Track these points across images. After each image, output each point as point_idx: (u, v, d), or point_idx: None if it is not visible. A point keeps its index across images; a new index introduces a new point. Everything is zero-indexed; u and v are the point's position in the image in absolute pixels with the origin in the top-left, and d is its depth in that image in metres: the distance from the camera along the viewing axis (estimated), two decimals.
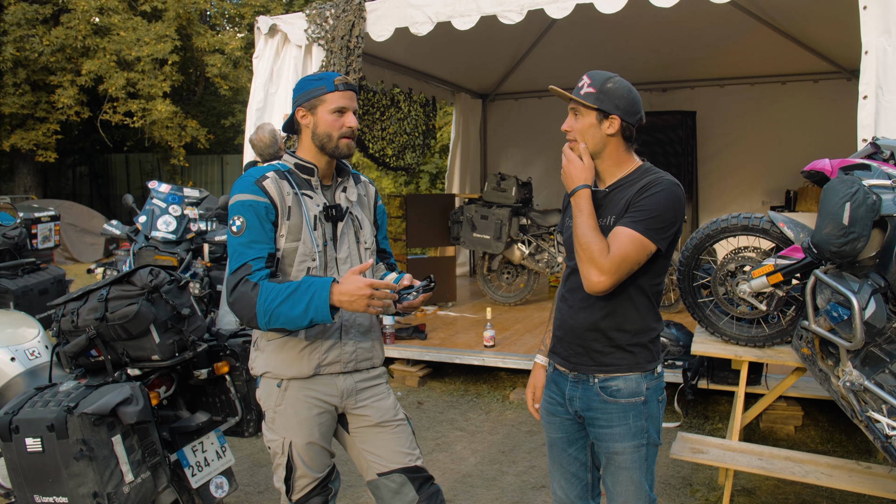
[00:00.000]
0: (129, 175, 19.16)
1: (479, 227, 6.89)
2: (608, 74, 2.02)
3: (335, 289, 1.96)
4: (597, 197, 2.07)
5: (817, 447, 4.10)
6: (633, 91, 2.02)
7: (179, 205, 5.03)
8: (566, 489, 2.25)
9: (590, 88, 1.99)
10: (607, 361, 2.07)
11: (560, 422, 2.21)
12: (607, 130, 2.00)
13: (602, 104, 1.98)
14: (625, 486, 2.08)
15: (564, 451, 2.23)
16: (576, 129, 2.03)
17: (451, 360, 5.37)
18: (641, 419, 2.07)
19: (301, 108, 2.15)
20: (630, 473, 2.07)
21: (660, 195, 1.96)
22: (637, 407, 2.06)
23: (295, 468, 2.18)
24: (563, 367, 2.16)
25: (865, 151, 3.02)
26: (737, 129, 8.36)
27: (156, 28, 13.48)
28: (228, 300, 2.06)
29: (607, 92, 1.98)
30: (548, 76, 8.79)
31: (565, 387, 2.16)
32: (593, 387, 2.09)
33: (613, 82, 2.00)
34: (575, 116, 2.04)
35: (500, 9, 4.82)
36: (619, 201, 2.01)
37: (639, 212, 1.95)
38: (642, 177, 2.03)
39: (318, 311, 1.96)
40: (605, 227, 2.02)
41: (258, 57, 5.75)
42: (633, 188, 2.01)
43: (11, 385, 2.79)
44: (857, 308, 2.43)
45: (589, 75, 2.03)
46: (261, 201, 2.07)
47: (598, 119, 2.00)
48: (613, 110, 1.98)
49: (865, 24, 3.94)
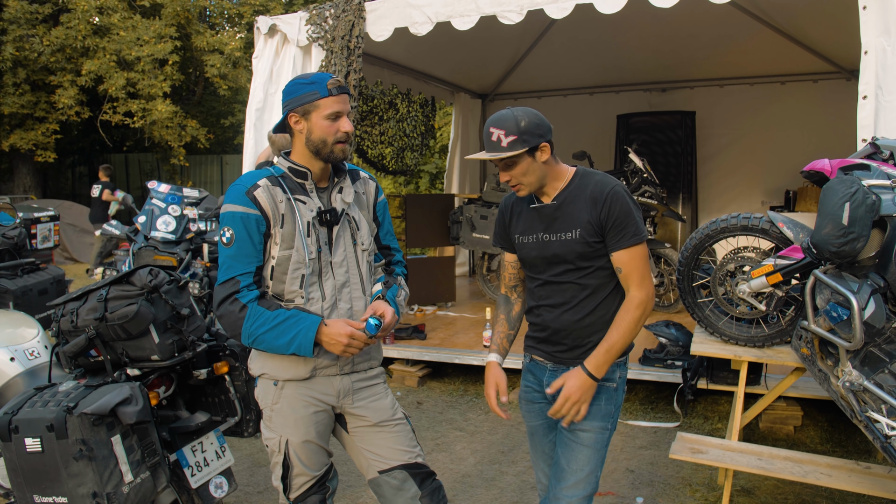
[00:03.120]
0: (129, 175, 19.17)
1: (478, 227, 6.89)
2: (510, 114, 2.05)
3: (321, 329, 2.05)
4: (548, 210, 2.17)
5: (817, 447, 4.10)
6: (536, 111, 2.10)
7: (179, 205, 5.03)
8: (550, 476, 2.31)
9: (509, 137, 2.03)
10: (587, 352, 2.16)
11: (539, 408, 2.30)
12: (541, 159, 2.09)
13: (529, 143, 2.04)
14: (581, 464, 2.16)
15: (545, 437, 2.32)
16: (515, 175, 2.10)
17: (450, 360, 5.37)
18: (611, 404, 2.19)
19: (294, 114, 2.12)
20: (589, 453, 2.16)
21: (623, 204, 2.07)
22: (609, 391, 2.18)
23: (292, 466, 2.19)
24: (545, 360, 2.25)
25: (865, 151, 3.02)
26: (736, 129, 8.36)
27: (155, 27, 13.47)
28: (215, 312, 2.09)
29: (526, 130, 2.03)
30: (547, 76, 8.83)
31: (543, 375, 2.26)
32: (569, 370, 2.18)
33: (522, 118, 2.04)
34: (508, 166, 2.08)
35: (499, 9, 4.81)
36: (577, 215, 2.11)
37: (622, 228, 2.07)
38: (585, 183, 2.13)
39: (301, 347, 2.05)
40: (571, 240, 2.12)
41: (258, 57, 5.75)
42: (584, 197, 2.11)
43: (11, 385, 2.79)
44: (857, 308, 2.43)
45: (495, 125, 2.05)
46: (251, 213, 2.06)
47: (531, 157, 2.07)
48: (539, 140, 2.05)
49: (865, 24, 3.94)
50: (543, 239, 2.18)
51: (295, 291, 2.12)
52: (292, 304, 2.13)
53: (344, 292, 2.18)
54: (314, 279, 2.13)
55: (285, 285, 2.12)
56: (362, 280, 2.23)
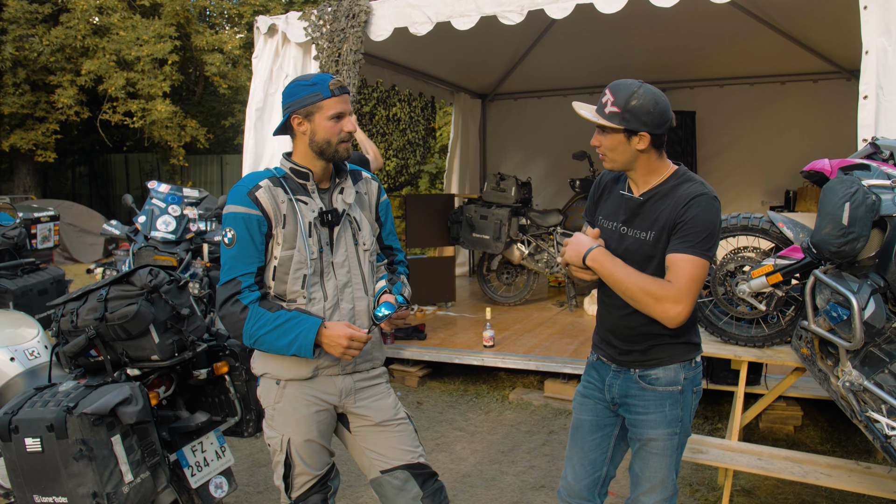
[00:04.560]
0: (129, 175, 19.16)
1: (478, 227, 6.88)
2: (631, 88, 1.94)
3: (321, 331, 2.06)
4: (633, 204, 2.07)
5: (817, 447, 4.10)
6: (661, 100, 1.95)
7: (179, 205, 5.03)
8: (579, 475, 2.28)
9: (613, 107, 1.94)
10: (650, 356, 2.12)
11: (593, 405, 2.26)
12: (637, 146, 1.97)
13: (628, 123, 1.93)
14: (654, 471, 2.14)
15: (590, 435, 2.26)
16: (605, 145, 2.02)
17: (450, 360, 5.37)
18: (677, 408, 2.11)
19: (297, 116, 2.12)
20: (661, 460, 2.13)
21: (705, 213, 1.93)
22: (674, 395, 2.11)
23: (293, 465, 2.19)
24: (609, 361, 2.21)
25: (865, 151, 3.01)
26: (736, 129, 8.36)
27: (154, 26, 13.47)
28: (218, 312, 2.10)
29: (632, 110, 1.92)
30: (547, 76, 8.84)
31: (606, 374, 2.22)
32: (633, 375, 2.15)
33: (637, 97, 1.92)
34: (602, 132, 2.01)
35: (500, 9, 4.81)
36: (659, 215, 2.00)
37: (691, 234, 1.93)
38: (678, 186, 2.01)
39: (302, 349, 2.05)
40: (644, 241, 2.02)
41: (257, 57, 5.74)
42: (671, 200, 1.99)
43: (11, 385, 2.79)
44: (857, 308, 2.43)
45: (612, 89, 1.96)
46: (253, 214, 2.08)
47: (626, 136, 1.96)
48: (641, 127, 1.93)
49: (866, 24, 3.94)
50: (621, 231, 2.09)
51: (297, 291, 2.12)
52: (294, 304, 2.13)
53: (346, 292, 2.19)
54: (316, 279, 2.14)
55: (287, 285, 2.12)
56: (364, 280, 2.24)
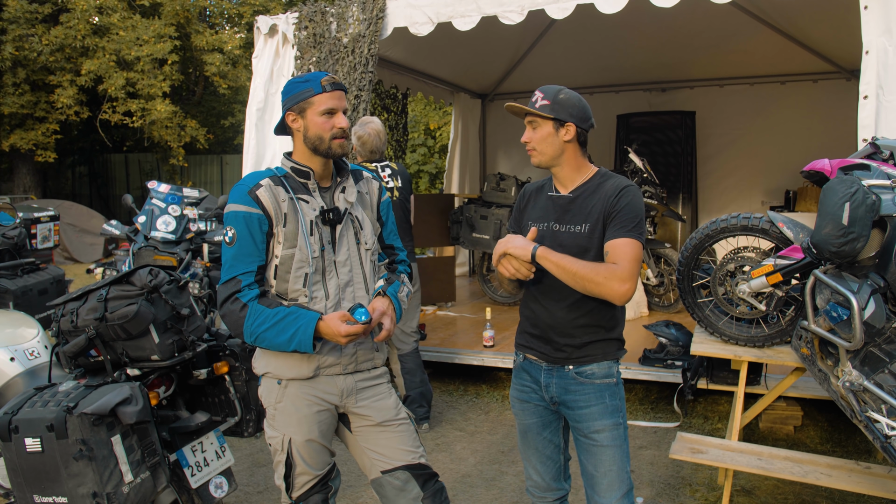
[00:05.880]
0: (129, 175, 19.16)
1: (478, 226, 6.88)
2: (558, 87, 2.19)
3: (320, 324, 2.07)
4: (563, 202, 2.21)
5: (817, 447, 4.10)
6: (583, 100, 2.20)
7: (179, 205, 5.03)
8: (542, 472, 2.35)
9: (544, 101, 2.16)
10: (585, 352, 2.19)
11: (534, 408, 2.32)
12: (564, 137, 2.16)
13: (557, 113, 2.14)
14: (608, 466, 2.18)
15: (539, 435, 2.33)
16: (534, 139, 2.19)
17: (450, 360, 5.37)
18: (616, 399, 2.22)
19: (291, 112, 2.15)
20: (612, 451, 2.18)
21: (635, 202, 2.13)
22: (611, 387, 2.21)
23: (294, 465, 2.19)
24: (539, 360, 2.26)
25: (865, 151, 3.01)
26: (736, 129, 8.35)
27: (154, 26, 13.47)
28: (219, 311, 2.12)
29: (560, 102, 2.15)
30: (548, 76, 8.80)
31: (539, 375, 2.27)
32: (569, 373, 2.21)
33: (565, 93, 2.17)
34: (533, 129, 2.19)
35: (500, 9, 4.81)
36: (592, 208, 2.15)
37: (626, 220, 2.10)
38: (604, 182, 2.19)
39: (302, 344, 2.06)
40: (579, 234, 2.16)
41: (258, 57, 5.74)
42: (601, 194, 2.16)
43: (11, 385, 2.79)
44: (857, 308, 2.43)
45: (541, 90, 2.19)
46: (254, 212, 2.08)
47: (554, 128, 2.16)
48: (568, 118, 2.14)
49: (866, 24, 3.94)
50: (554, 228, 2.21)
51: (298, 290, 2.13)
52: (296, 303, 2.14)
53: (347, 291, 2.19)
54: (317, 278, 2.14)
55: (289, 284, 2.13)
56: (366, 279, 2.24)
